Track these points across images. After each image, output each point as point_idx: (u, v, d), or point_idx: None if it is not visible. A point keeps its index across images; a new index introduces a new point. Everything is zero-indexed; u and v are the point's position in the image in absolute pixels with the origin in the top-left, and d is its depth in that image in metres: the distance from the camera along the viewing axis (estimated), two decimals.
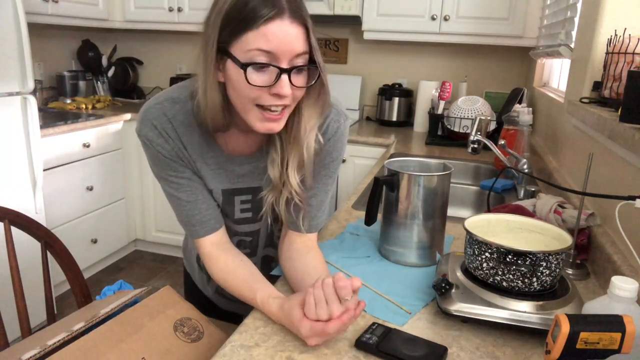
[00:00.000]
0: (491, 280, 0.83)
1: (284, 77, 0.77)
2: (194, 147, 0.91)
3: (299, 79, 0.80)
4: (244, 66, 0.77)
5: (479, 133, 1.63)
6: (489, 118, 2.00)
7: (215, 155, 0.93)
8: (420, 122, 2.85)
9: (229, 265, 0.95)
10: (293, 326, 0.78)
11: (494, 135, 2.42)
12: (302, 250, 0.97)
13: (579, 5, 1.70)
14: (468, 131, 2.21)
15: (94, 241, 2.80)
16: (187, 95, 0.89)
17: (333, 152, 0.96)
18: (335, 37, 3.18)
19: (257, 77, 0.77)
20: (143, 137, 0.90)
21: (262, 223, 1.05)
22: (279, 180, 0.92)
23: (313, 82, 0.82)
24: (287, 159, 0.91)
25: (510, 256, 0.80)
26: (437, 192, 1.03)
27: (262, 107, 0.80)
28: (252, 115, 0.82)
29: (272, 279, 1.00)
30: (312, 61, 0.81)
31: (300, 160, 0.89)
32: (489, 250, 0.82)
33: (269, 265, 1.12)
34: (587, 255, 1.11)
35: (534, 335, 0.79)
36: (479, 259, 0.84)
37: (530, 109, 1.76)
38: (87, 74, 3.34)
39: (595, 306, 0.66)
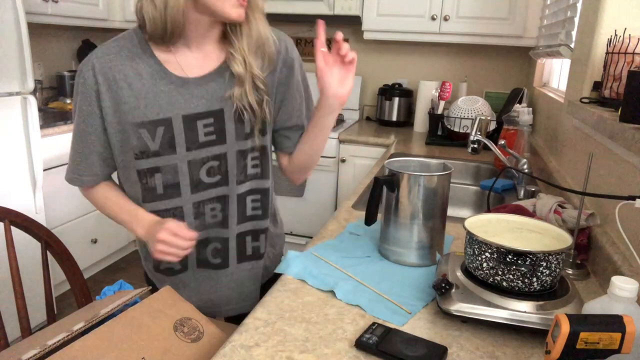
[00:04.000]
0: (491, 280, 0.83)
1: None
2: (142, 77, 0.97)
3: None
4: None
5: (479, 133, 1.63)
6: (489, 118, 2.00)
7: (170, 81, 0.99)
8: (420, 122, 2.85)
9: (107, 191, 1.09)
10: (158, 224, 0.97)
11: (494, 135, 2.42)
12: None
13: (579, 5, 1.70)
14: (468, 131, 2.22)
15: (94, 241, 2.80)
16: (127, 33, 1.00)
17: (295, 60, 1.10)
18: None
19: None
20: (78, 74, 0.99)
21: (227, 145, 1.04)
22: (244, 72, 1.00)
23: None
24: (244, 49, 1.00)
25: (510, 256, 0.80)
26: (437, 192, 1.03)
27: None
28: (227, 3, 0.92)
29: (274, 277, 1.00)
30: None
31: (258, 44, 1.01)
32: (489, 250, 0.82)
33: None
34: (587, 255, 1.11)
35: (534, 335, 0.79)
36: (479, 259, 0.84)
37: (530, 109, 1.76)
38: None
39: (595, 306, 0.66)
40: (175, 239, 0.95)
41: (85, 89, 0.98)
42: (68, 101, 3.09)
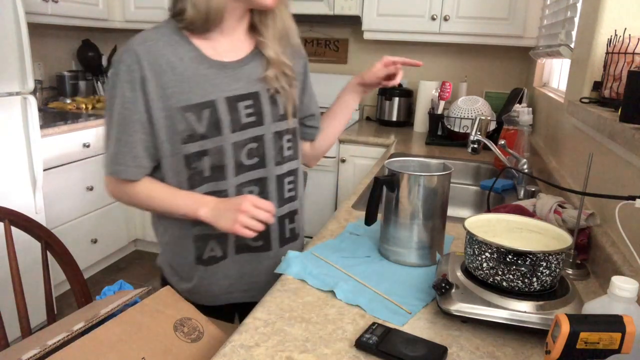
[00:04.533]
0: (491, 280, 0.83)
1: None
2: (183, 62, 1.00)
3: None
4: None
5: (479, 133, 1.63)
6: (489, 118, 2.00)
7: (210, 65, 1.03)
8: (420, 122, 2.85)
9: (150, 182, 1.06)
10: (236, 199, 0.99)
11: (494, 135, 2.42)
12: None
13: (579, 5, 1.70)
14: (468, 131, 2.21)
15: (94, 241, 2.80)
16: (162, 23, 1.04)
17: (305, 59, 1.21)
18: (335, 37, 3.18)
19: None
20: (118, 62, 0.99)
21: (265, 127, 1.08)
22: (275, 56, 1.08)
23: None
24: (271, 38, 1.08)
25: (510, 256, 0.80)
26: (437, 192, 1.03)
27: None
28: None
29: (275, 277, 1.00)
30: None
31: (282, 34, 1.09)
32: (489, 250, 0.82)
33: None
34: (587, 255, 1.11)
35: (534, 335, 0.79)
36: (479, 259, 0.84)
37: (530, 109, 1.76)
38: (87, 74, 3.34)
39: (595, 306, 0.66)
40: (257, 210, 0.97)
41: (129, 76, 0.97)
42: (68, 101, 3.10)
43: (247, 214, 0.96)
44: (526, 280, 0.80)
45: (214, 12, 0.99)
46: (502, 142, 1.65)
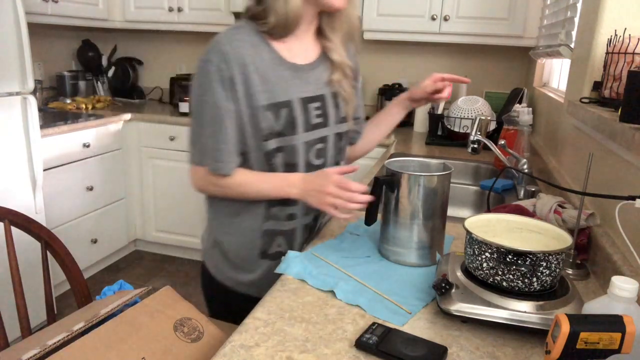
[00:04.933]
0: (491, 280, 0.83)
1: None
2: (265, 63, 1.05)
3: None
4: None
5: (479, 133, 1.63)
6: (489, 118, 2.00)
7: (287, 67, 1.09)
8: (420, 122, 2.85)
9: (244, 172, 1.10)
10: (320, 176, 1.03)
11: (494, 135, 2.42)
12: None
13: (579, 5, 1.70)
14: (468, 131, 2.21)
15: (94, 241, 2.80)
16: (241, 23, 1.08)
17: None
18: None
19: None
20: (207, 61, 1.03)
21: (329, 128, 1.15)
22: (341, 60, 1.14)
23: None
24: (338, 41, 1.14)
25: (510, 256, 0.80)
26: (437, 192, 1.03)
27: None
28: None
29: (275, 277, 1.00)
30: None
31: (349, 34, 1.14)
32: (489, 250, 0.82)
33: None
34: (587, 255, 1.11)
35: (534, 335, 0.79)
36: (479, 259, 0.84)
37: (530, 109, 1.76)
38: (87, 74, 3.34)
39: (595, 306, 0.66)
40: (341, 191, 1.01)
41: (219, 75, 1.02)
42: (68, 101, 3.10)
43: (332, 195, 1.01)
44: (526, 280, 0.80)
45: (292, 17, 1.04)
46: (502, 142, 1.65)
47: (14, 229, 1.17)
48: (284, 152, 1.10)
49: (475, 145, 1.64)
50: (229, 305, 1.22)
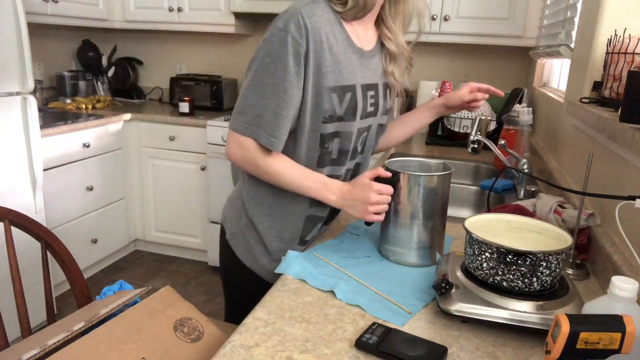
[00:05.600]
0: (491, 280, 0.83)
1: None
2: (338, 42, 1.03)
3: None
4: None
5: (479, 133, 1.63)
6: (489, 118, 2.00)
7: (355, 51, 1.06)
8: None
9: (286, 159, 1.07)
10: (359, 187, 1.00)
11: (494, 135, 2.42)
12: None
13: (579, 5, 1.70)
14: (468, 131, 2.21)
15: (94, 241, 2.80)
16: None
17: None
18: None
19: None
20: (284, 30, 0.97)
21: (376, 118, 1.16)
22: (397, 50, 1.14)
23: None
24: (396, 29, 1.12)
25: (510, 256, 0.80)
26: (437, 192, 1.03)
27: None
28: None
29: (276, 276, 1.00)
30: None
31: (410, 19, 1.14)
32: (489, 250, 0.82)
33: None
34: (587, 255, 1.11)
35: (534, 335, 0.79)
36: (479, 259, 0.84)
37: (530, 109, 1.76)
38: (87, 74, 3.34)
39: (595, 306, 0.66)
40: (383, 197, 1.00)
41: (295, 49, 0.97)
42: (68, 101, 3.10)
43: (376, 204, 1.00)
44: (526, 280, 0.80)
45: (370, 3, 1.03)
46: (502, 142, 1.65)
47: (14, 229, 1.17)
48: (340, 137, 1.08)
49: (475, 145, 1.64)
50: (254, 294, 1.14)
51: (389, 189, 1.01)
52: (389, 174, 1.02)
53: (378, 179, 1.02)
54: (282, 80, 0.98)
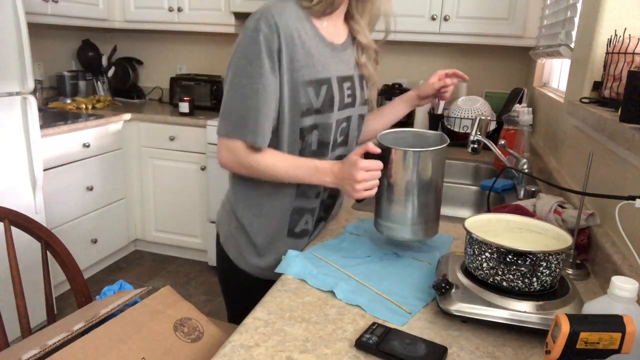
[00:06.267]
0: (491, 280, 0.83)
1: None
2: (309, 37, 1.06)
3: None
4: None
5: (479, 133, 1.63)
6: (489, 118, 2.00)
7: (326, 45, 1.09)
8: (420, 122, 2.85)
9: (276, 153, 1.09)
10: (347, 166, 1.00)
11: (494, 135, 2.42)
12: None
13: (579, 5, 1.70)
14: (468, 131, 2.21)
15: (94, 241, 2.80)
16: None
17: None
18: None
19: None
20: (255, 30, 1.00)
21: (355, 109, 1.18)
22: (367, 42, 1.18)
23: None
24: (364, 25, 1.17)
25: (510, 256, 0.80)
26: (430, 167, 1.00)
27: None
28: None
29: (276, 275, 1.00)
30: None
31: (376, 18, 1.18)
32: (489, 250, 0.82)
33: None
34: (587, 255, 1.11)
35: (534, 335, 0.79)
36: (479, 259, 0.84)
37: (530, 109, 1.76)
38: (87, 74, 3.34)
39: (595, 306, 0.66)
40: (371, 173, 1.00)
41: (268, 47, 1.00)
42: (68, 101, 3.10)
43: (363, 181, 1.00)
44: (526, 280, 0.80)
45: (339, 1, 1.06)
46: (502, 142, 1.65)
47: (14, 229, 1.17)
48: (319, 129, 1.10)
49: (475, 145, 1.64)
50: (249, 291, 1.20)
51: (377, 164, 1.00)
52: (378, 150, 1.00)
53: (368, 155, 1.01)
54: (259, 78, 1.01)
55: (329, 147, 1.14)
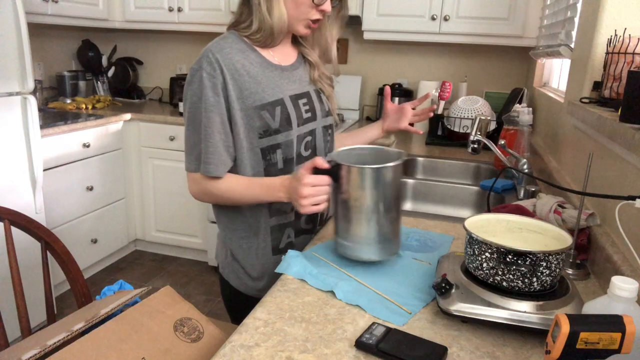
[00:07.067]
0: (491, 280, 0.83)
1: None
2: (254, 66, 1.12)
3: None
4: None
5: (479, 133, 1.63)
6: (489, 118, 2.00)
7: (274, 69, 1.16)
8: (421, 122, 2.85)
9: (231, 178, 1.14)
10: (294, 181, 1.02)
11: (494, 135, 2.42)
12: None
13: (579, 5, 1.70)
14: (468, 131, 2.21)
15: (94, 241, 2.80)
16: (227, 34, 1.15)
17: None
18: None
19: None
20: (199, 69, 1.07)
21: (317, 122, 1.22)
22: (317, 60, 1.24)
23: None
24: (311, 51, 1.24)
25: (510, 256, 0.80)
26: (383, 184, 0.97)
27: (309, 20, 1.13)
28: (302, 24, 1.14)
29: (277, 276, 1.00)
30: None
31: (322, 49, 1.25)
32: (489, 250, 0.82)
33: None
34: (587, 255, 1.11)
35: (534, 335, 0.79)
36: (479, 259, 0.84)
37: (530, 109, 1.76)
38: (87, 74, 3.34)
39: (595, 306, 0.66)
40: (317, 189, 1.01)
41: (211, 82, 1.07)
42: (68, 101, 3.10)
43: (308, 197, 1.00)
44: (526, 280, 0.80)
45: (278, 32, 1.12)
46: (502, 142, 1.65)
47: (14, 229, 1.17)
48: (281, 147, 1.14)
49: (475, 145, 1.64)
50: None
51: (323, 180, 1.00)
52: (326, 165, 1.00)
53: (318, 170, 1.01)
54: (207, 112, 1.08)
55: (293, 163, 1.17)
